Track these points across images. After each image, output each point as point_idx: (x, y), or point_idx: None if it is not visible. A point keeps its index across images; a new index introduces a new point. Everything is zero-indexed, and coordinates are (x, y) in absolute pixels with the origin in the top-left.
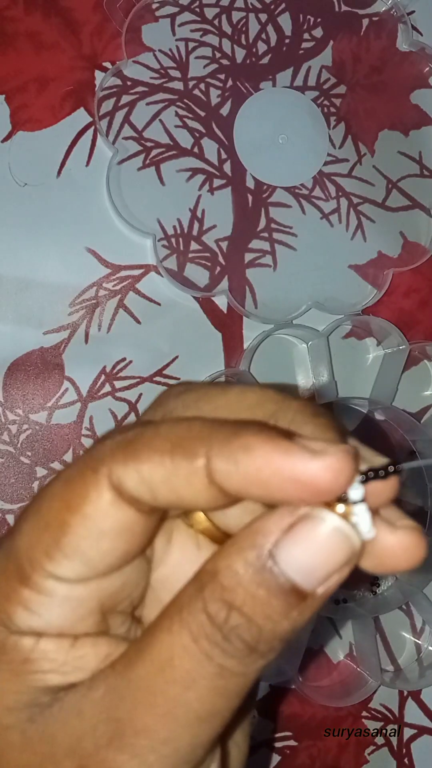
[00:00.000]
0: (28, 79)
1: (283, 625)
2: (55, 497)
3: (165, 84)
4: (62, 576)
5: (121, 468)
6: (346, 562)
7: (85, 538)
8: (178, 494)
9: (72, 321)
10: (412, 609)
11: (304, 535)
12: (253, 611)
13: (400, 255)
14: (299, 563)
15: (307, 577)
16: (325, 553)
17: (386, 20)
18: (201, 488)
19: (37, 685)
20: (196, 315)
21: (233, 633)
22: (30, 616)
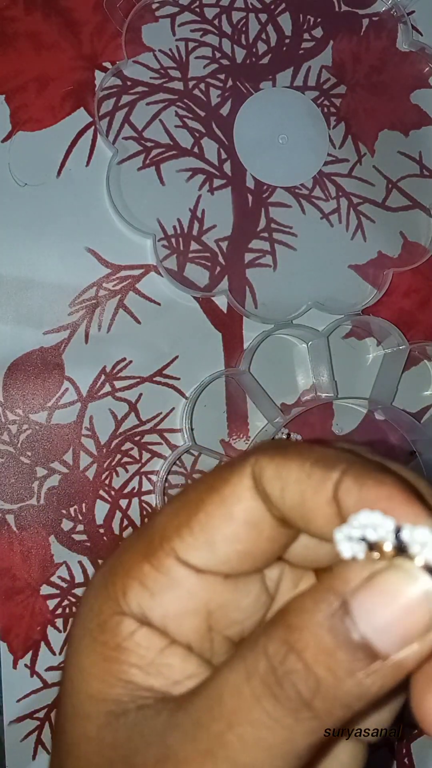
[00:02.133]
0: (28, 79)
1: (346, 684)
2: (202, 482)
3: (165, 84)
4: (182, 555)
5: (266, 460)
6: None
7: (215, 517)
8: (302, 499)
9: (72, 321)
10: None
11: (387, 587)
12: (314, 659)
13: (400, 255)
14: (375, 618)
15: (381, 635)
16: (407, 615)
17: (386, 20)
18: (324, 501)
19: (119, 677)
20: (196, 315)
21: (288, 678)
22: (142, 592)
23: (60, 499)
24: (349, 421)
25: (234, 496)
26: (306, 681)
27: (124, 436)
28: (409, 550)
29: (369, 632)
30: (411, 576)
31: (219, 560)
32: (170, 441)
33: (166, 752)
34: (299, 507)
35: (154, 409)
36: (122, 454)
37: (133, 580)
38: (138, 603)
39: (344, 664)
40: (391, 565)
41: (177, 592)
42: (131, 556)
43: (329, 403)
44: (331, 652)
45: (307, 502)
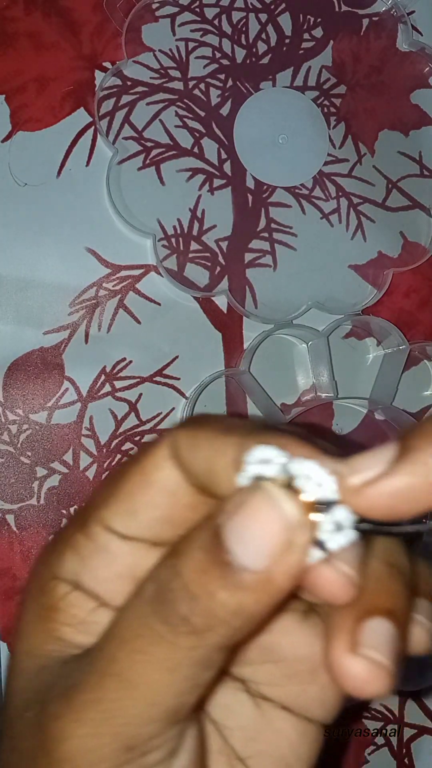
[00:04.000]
0: (28, 79)
1: (219, 599)
2: (131, 457)
3: (165, 84)
4: (108, 523)
5: (182, 431)
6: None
7: (135, 485)
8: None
9: (72, 321)
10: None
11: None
12: (191, 577)
13: (400, 255)
14: (242, 536)
15: (247, 551)
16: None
17: (386, 20)
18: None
19: (52, 635)
20: (196, 315)
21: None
22: (74, 558)
23: (60, 499)
24: (349, 421)
25: (152, 465)
26: (184, 598)
27: (124, 436)
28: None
29: (237, 549)
30: (272, 496)
31: (142, 527)
32: None
33: (72, 682)
34: (208, 472)
35: (154, 409)
36: (122, 454)
37: (68, 547)
38: (71, 568)
39: (217, 580)
40: (256, 487)
41: (105, 557)
42: (69, 528)
43: (329, 403)
44: (205, 570)
45: (214, 466)
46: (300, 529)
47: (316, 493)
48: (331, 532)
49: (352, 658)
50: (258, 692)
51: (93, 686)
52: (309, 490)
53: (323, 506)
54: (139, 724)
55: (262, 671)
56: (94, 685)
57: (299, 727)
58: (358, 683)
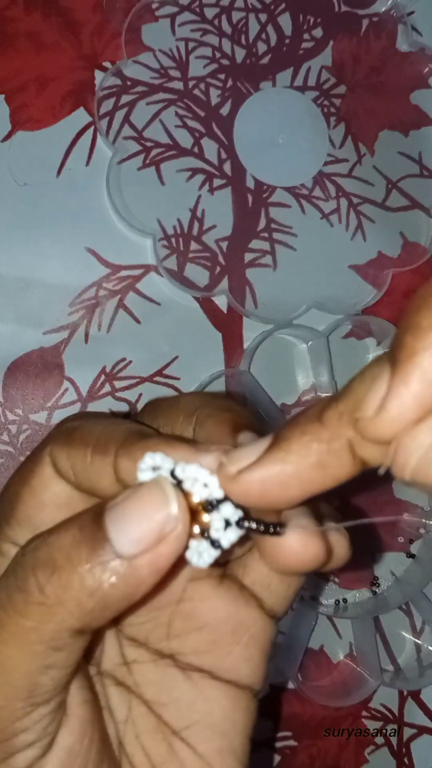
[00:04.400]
0: (28, 79)
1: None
2: (15, 473)
3: (165, 84)
4: (15, 541)
5: (57, 449)
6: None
7: (31, 507)
8: (91, 483)
9: (72, 321)
10: (411, 609)
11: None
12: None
13: (400, 255)
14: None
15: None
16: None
17: (386, 20)
18: (108, 483)
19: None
20: (196, 315)
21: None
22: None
23: None
24: None
25: (41, 485)
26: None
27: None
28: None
29: (112, 531)
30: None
31: None
32: None
33: None
34: (92, 489)
35: None
36: None
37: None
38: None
39: (83, 554)
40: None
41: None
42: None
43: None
44: (75, 544)
45: (96, 485)
46: (174, 523)
47: (203, 493)
48: (220, 530)
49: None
50: (187, 664)
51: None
52: (197, 491)
53: (212, 506)
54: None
55: (188, 641)
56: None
57: (230, 694)
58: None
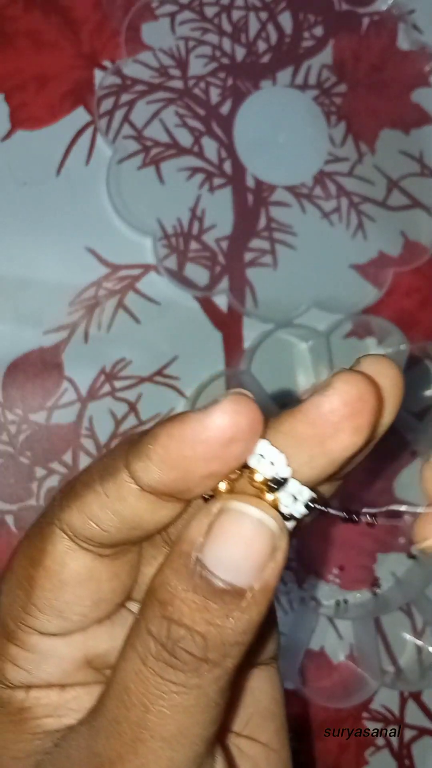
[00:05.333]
0: (28, 78)
1: (228, 627)
2: (22, 554)
3: (165, 83)
4: (42, 630)
5: (67, 513)
6: (271, 548)
7: (50, 590)
8: (119, 515)
9: (71, 321)
10: (412, 610)
11: (221, 532)
12: (192, 621)
13: (401, 255)
14: (225, 561)
15: (237, 573)
16: (245, 545)
17: (387, 19)
18: (134, 500)
19: (36, 731)
20: (196, 315)
21: (178, 647)
22: (18, 672)
23: None
24: None
25: (56, 564)
26: (194, 642)
27: (123, 436)
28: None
29: (227, 576)
30: (240, 513)
31: (76, 621)
32: None
33: (97, 760)
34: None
35: (154, 409)
36: None
37: (6, 662)
38: (18, 680)
39: (218, 611)
40: (221, 511)
41: (51, 661)
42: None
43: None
44: (203, 607)
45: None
46: (282, 533)
47: (269, 471)
48: (290, 504)
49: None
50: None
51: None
52: (263, 469)
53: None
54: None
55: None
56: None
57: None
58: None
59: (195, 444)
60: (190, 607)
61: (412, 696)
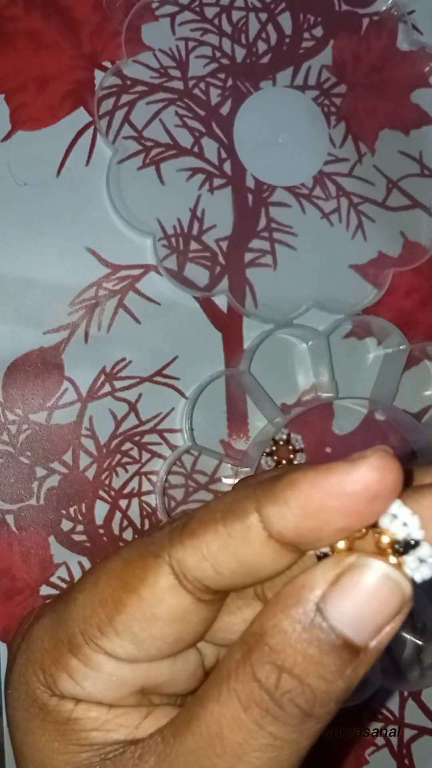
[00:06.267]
0: (28, 79)
1: (339, 684)
2: (114, 575)
3: (165, 83)
4: (112, 653)
5: (180, 550)
6: (398, 610)
7: (138, 620)
8: (239, 559)
9: (72, 321)
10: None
11: (352, 585)
12: (305, 672)
13: (401, 255)
14: (349, 616)
15: (358, 630)
16: (376, 604)
17: (386, 19)
18: (260, 545)
19: (83, 744)
20: (196, 315)
21: (286, 698)
22: (73, 685)
23: (60, 500)
24: (349, 421)
25: (154, 598)
26: (304, 695)
27: (123, 436)
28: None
29: (348, 632)
30: (375, 569)
31: (148, 651)
32: (170, 441)
33: None
34: (240, 566)
35: (154, 409)
36: (122, 454)
37: (62, 672)
38: (70, 692)
39: (333, 666)
40: (355, 564)
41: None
42: (56, 646)
43: (329, 403)
44: (318, 660)
45: (244, 558)
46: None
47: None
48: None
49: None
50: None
51: None
52: (395, 529)
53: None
54: None
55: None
56: None
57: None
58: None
59: (339, 496)
60: (305, 659)
61: (412, 696)
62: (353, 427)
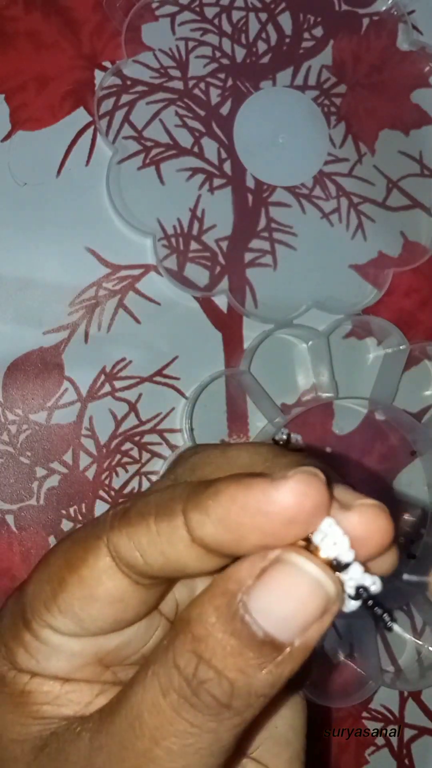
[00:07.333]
0: (28, 79)
1: (259, 679)
2: (60, 554)
3: (165, 83)
4: (57, 629)
5: (116, 535)
6: (322, 610)
7: (78, 599)
8: (165, 556)
9: (72, 321)
10: (412, 609)
11: (277, 581)
12: (223, 664)
13: (401, 255)
14: (273, 612)
15: (281, 627)
16: (297, 601)
17: (386, 19)
18: (183, 548)
19: (35, 716)
20: (196, 315)
21: (202, 687)
22: (29, 659)
23: (60, 500)
24: (349, 421)
25: (93, 579)
26: (220, 686)
27: (124, 436)
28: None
29: (270, 627)
30: (298, 567)
31: (89, 629)
32: (170, 441)
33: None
34: (165, 563)
35: (154, 409)
36: (122, 454)
37: (18, 646)
38: (26, 666)
39: (252, 661)
40: (278, 560)
41: (60, 656)
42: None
43: (329, 403)
44: (237, 653)
45: (169, 556)
46: (337, 598)
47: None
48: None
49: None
50: None
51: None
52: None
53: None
54: None
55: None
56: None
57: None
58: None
59: (255, 515)
60: (224, 650)
61: (412, 696)
62: (353, 427)
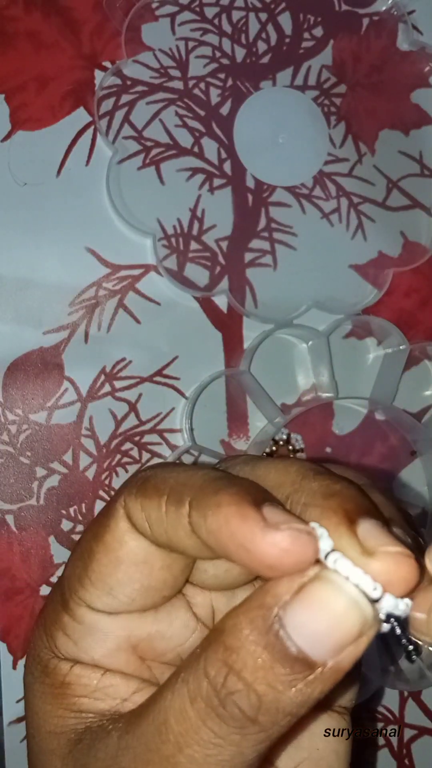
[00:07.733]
0: (28, 79)
1: (288, 696)
2: (89, 528)
3: (165, 83)
4: (91, 604)
5: (132, 501)
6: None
7: (105, 565)
8: (167, 536)
9: (72, 321)
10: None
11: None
12: (253, 677)
13: (401, 255)
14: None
15: (315, 645)
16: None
17: (386, 19)
18: (184, 535)
19: (72, 709)
20: (196, 315)
21: (230, 698)
22: (67, 641)
23: (60, 500)
24: (349, 421)
25: (115, 542)
26: (248, 699)
27: (124, 436)
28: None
29: (303, 644)
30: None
31: (123, 602)
32: (170, 441)
33: None
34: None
35: (154, 409)
36: (122, 454)
37: (58, 630)
38: (66, 649)
39: (283, 677)
40: (318, 577)
41: (96, 636)
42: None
43: (329, 403)
44: (269, 667)
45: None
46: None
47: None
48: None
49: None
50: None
51: None
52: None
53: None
54: None
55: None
56: None
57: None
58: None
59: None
60: (255, 663)
61: (412, 696)
62: (353, 427)
